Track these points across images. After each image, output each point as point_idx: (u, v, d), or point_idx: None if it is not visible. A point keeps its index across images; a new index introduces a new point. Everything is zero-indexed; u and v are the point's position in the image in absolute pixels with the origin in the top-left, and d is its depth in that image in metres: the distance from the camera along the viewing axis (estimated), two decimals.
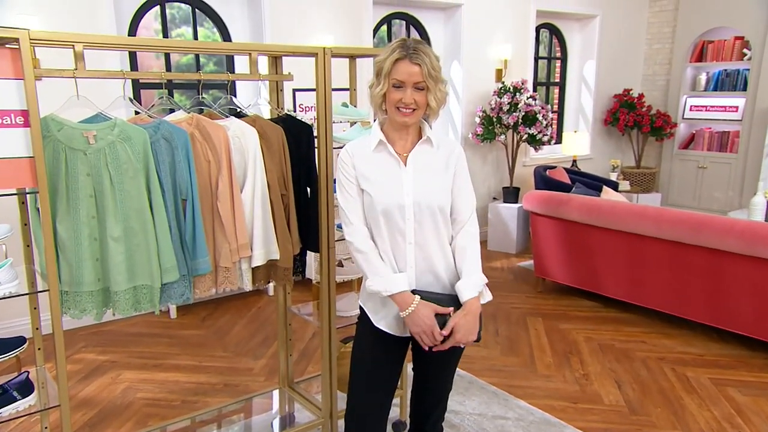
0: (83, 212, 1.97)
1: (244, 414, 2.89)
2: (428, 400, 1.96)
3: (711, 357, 3.51)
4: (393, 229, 1.75)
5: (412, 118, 1.73)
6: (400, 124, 1.75)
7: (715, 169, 6.78)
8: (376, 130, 1.80)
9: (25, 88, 1.72)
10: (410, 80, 1.67)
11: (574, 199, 4.23)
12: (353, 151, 1.81)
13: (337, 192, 1.85)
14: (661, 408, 2.96)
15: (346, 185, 1.79)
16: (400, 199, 1.73)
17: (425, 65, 1.67)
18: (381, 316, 1.81)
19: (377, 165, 1.78)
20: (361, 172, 1.77)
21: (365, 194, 1.77)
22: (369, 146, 1.79)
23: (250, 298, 4.54)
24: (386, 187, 1.74)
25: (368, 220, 1.78)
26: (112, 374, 3.33)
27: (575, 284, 4.41)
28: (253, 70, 2.29)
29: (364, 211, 1.78)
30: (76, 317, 2.01)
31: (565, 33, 6.87)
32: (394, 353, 1.87)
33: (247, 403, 2.92)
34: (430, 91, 1.70)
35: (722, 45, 6.65)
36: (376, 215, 1.75)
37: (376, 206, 1.74)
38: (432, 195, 1.76)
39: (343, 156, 1.81)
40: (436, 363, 1.89)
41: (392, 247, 1.76)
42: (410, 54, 1.66)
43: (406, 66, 1.67)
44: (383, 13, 5.40)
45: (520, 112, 5.51)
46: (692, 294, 3.70)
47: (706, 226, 3.50)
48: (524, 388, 3.17)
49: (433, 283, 1.80)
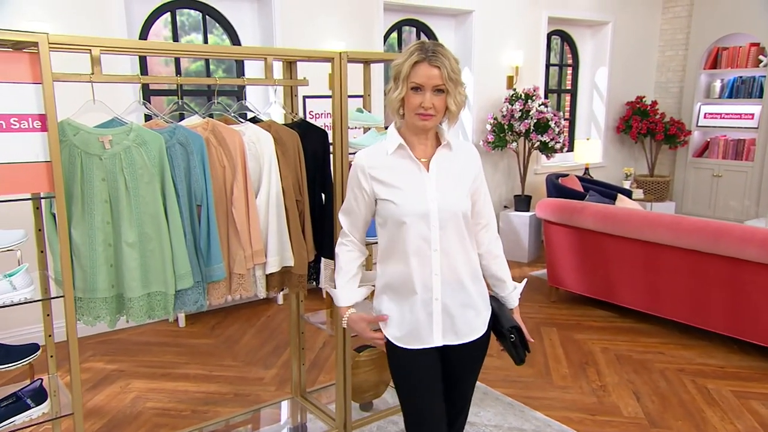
0: (98, 217, 1.95)
1: (255, 424, 2.84)
2: (452, 411, 1.88)
3: (732, 369, 3.43)
4: (418, 236, 1.68)
5: (431, 122, 1.67)
6: (419, 129, 1.70)
7: (731, 178, 6.69)
8: (393, 134, 1.74)
9: (43, 93, 1.70)
10: (429, 83, 1.62)
11: (588, 207, 4.17)
12: (368, 162, 1.73)
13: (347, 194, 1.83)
14: (683, 421, 2.88)
15: (356, 196, 1.77)
16: (426, 206, 1.67)
17: (445, 68, 1.61)
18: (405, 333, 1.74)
19: (398, 171, 1.72)
20: (380, 180, 1.71)
21: (386, 203, 1.70)
22: (386, 151, 1.73)
23: (259, 307, 4.51)
24: (410, 193, 1.68)
25: (391, 228, 1.71)
26: (120, 383, 3.30)
27: (589, 294, 4.35)
28: (269, 75, 2.27)
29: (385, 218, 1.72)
30: (90, 324, 1.98)
31: (577, 40, 6.83)
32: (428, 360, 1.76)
33: (258, 412, 2.88)
34: (449, 94, 1.65)
35: (737, 51, 6.59)
36: (401, 223, 1.67)
37: (401, 214, 1.67)
38: (455, 201, 1.72)
39: (357, 166, 1.75)
40: (461, 370, 1.83)
41: (417, 254, 1.69)
42: (429, 56, 1.61)
43: (425, 69, 1.61)
44: (394, 19, 5.39)
45: (531, 119, 5.46)
46: (711, 304, 3.63)
47: (725, 235, 3.43)
48: (540, 399, 3.11)
49: (458, 290, 1.74)
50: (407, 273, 1.70)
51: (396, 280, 1.73)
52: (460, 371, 1.84)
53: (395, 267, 1.72)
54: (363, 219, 1.79)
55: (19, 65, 1.70)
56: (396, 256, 1.71)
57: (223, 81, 2.23)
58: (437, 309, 1.72)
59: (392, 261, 1.73)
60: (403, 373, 1.77)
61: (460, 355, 1.79)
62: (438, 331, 1.73)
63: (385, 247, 1.75)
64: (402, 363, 1.77)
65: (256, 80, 2.29)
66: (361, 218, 1.79)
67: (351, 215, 1.81)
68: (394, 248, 1.71)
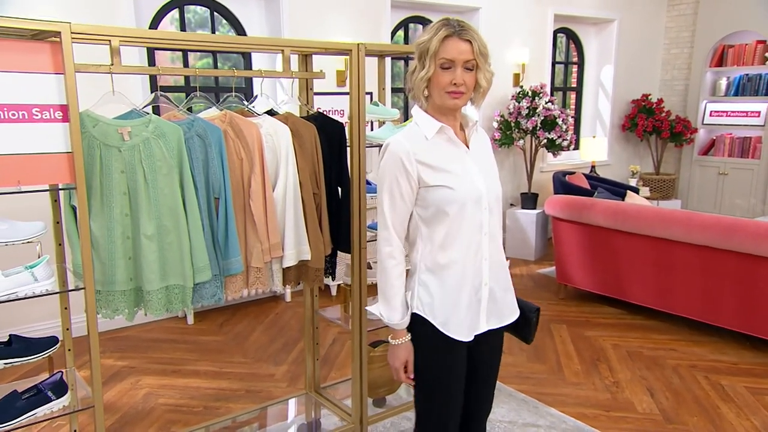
0: (117, 210, 1.93)
1: (269, 420, 2.83)
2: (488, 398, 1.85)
3: (745, 365, 3.42)
4: (474, 221, 1.62)
5: (462, 101, 1.60)
6: (449, 109, 1.62)
7: (737, 176, 6.68)
8: (426, 117, 1.64)
9: (65, 83, 1.69)
10: (460, 58, 1.54)
11: (598, 203, 4.16)
12: (413, 147, 1.59)
13: (382, 191, 1.63)
14: (698, 417, 2.87)
15: (402, 187, 1.60)
16: (478, 189, 1.62)
17: (475, 41, 1.55)
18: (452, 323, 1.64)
19: (444, 155, 1.62)
20: (429, 164, 1.59)
21: (439, 189, 1.58)
22: (423, 136, 1.62)
23: (267, 304, 4.49)
24: (463, 177, 1.61)
25: (444, 215, 1.60)
26: (131, 380, 3.28)
27: (599, 291, 4.33)
28: (286, 68, 2.25)
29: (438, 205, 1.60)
30: (109, 317, 1.97)
31: (582, 37, 6.82)
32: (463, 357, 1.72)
33: (271, 408, 2.86)
34: (480, 70, 1.58)
35: (743, 49, 6.58)
36: (458, 208, 1.59)
37: (457, 198, 1.59)
38: (496, 182, 1.71)
39: (400, 152, 1.59)
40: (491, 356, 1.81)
41: (471, 239, 1.63)
42: (459, 31, 1.54)
43: (455, 43, 1.54)
44: (401, 16, 5.38)
45: (539, 116, 5.45)
46: (723, 300, 3.62)
47: (738, 231, 3.42)
48: (554, 395, 3.10)
49: (501, 274, 1.74)
50: (459, 261, 1.63)
51: (449, 270, 1.63)
52: (489, 357, 1.80)
53: (448, 256, 1.62)
54: (408, 215, 1.65)
55: (40, 55, 1.68)
56: (446, 245, 1.62)
57: (241, 73, 2.22)
58: (485, 294, 1.69)
59: (443, 251, 1.62)
60: (446, 364, 1.69)
61: (492, 340, 1.77)
62: (484, 316, 1.70)
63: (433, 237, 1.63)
64: (449, 358, 1.68)
65: (273, 73, 2.27)
66: (407, 215, 1.64)
67: (396, 213, 1.62)
68: (444, 237, 1.61)
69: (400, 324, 1.66)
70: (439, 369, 1.68)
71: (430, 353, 1.69)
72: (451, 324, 1.64)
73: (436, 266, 1.64)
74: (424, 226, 1.64)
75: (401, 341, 1.67)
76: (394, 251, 1.64)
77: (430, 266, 1.64)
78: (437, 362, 1.69)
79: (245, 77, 4.60)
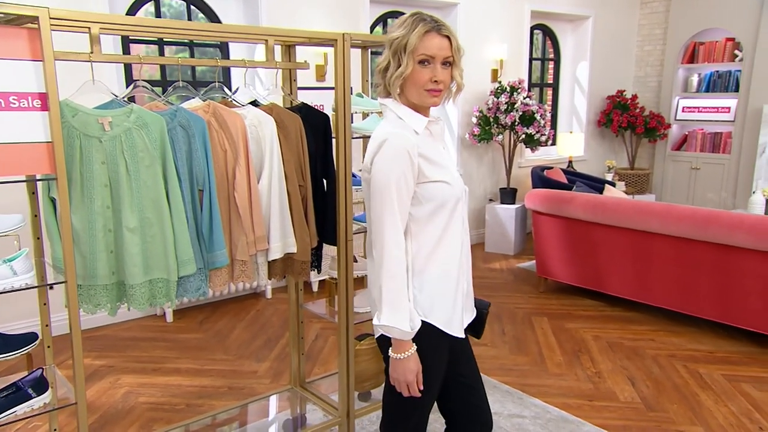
0: (98, 202, 1.88)
1: (254, 416, 2.79)
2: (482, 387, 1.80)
3: (721, 354, 3.49)
4: (462, 217, 1.62)
5: (440, 99, 1.57)
6: (425, 107, 1.58)
7: (708, 170, 6.84)
8: (409, 111, 1.56)
9: (44, 70, 1.63)
10: (440, 54, 1.50)
11: (578, 196, 4.21)
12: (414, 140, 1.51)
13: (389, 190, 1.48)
14: (678, 404, 2.92)
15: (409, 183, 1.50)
16: (461, 185, 1.62)
17: (453, 37, 1.53)
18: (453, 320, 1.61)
19: (433, 149, 1.58)
20: (428, 158, 1.54)
21: (438, 185, 1.53)
22: (413, 130, 1.54)
23: (248, 301, 4.44)
24: (452, 171, 1.59)
25: (440, 211, 1.55)
26: (110, 379, 3.21)
27: (578, 283, 4.39)
28: (269, 58, 2.22)
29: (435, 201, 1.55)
30: (90, 312, 1.91)
31: (558, 34, 6.89)
32: None
33: (256, 404, 2.82)
34: (455, 67, 1.55)
35: (713, 46, 6.73)
36: (453, 204, 1.57)
37: (453, 194, 1.56)
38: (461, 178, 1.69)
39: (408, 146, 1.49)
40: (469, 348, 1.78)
41: (459, 235, 1.61)
42: (437, 26, 1.50)
43: (435, 39, 1.49)
44: (379, 11, 5.37)
45: (517, 111, 5.49)
46: (700, 291, 3.69)
47: (714, 222, 3.49)
48: (537, 386, 3.12)
49: (469, 268, 1.72)
50: (457, 256, 1.60)
51: (443, 267, 1.59)
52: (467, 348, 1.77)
53: (441, 253, 1.58)
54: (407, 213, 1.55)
55: (17, 41, 1.62)
56: (442, 242, 1.58)
57: (225, 63, 2.18)
58: (464, 290, 1.67)
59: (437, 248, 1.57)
60: (442, 366, 1.64)
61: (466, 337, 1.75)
62: (465, 311, 1.69)
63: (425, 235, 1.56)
64: (444, 354, 1.63)
65: (258, 63, 2.24)
66: (407, 212, 1.54)
67: (404, 212, 1.51)
68: (441, 233, 1.57)
69: (411, 333, 1.51)
70: (438, 373, 1.63)
71: (432, 356, 1.59)
72: (452, 322, 1.61)
73: (430, 265, 1.57)
74: (414, 225, 1.56)
75: (410, 353, 1.52)
76: (402, 255, 1.51)
77: (424, 266, 1.57)
78: (438, 364, 1.62)
79: (224, 71, 4.54)
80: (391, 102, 1.59)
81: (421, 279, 1.57)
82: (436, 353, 1.61)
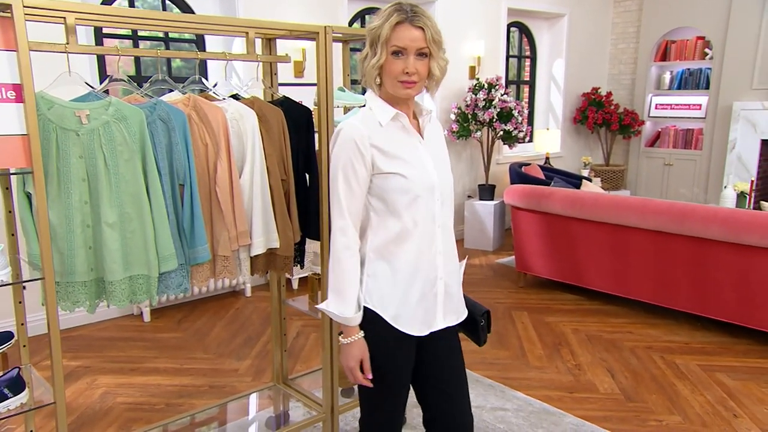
0: (75, 197, 1.84)
1: (236, 413, 2.76)
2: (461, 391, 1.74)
3: (697, 344, 3.57)
4: (427, 212, 1.58)
5: (415, 90, 1.55)
6: (401, 98, 1.57)
7: (681, 166, 6.98)
8: (381, 104, 1.57)
9: (18, 61, 1.58)
10: (412, 46, 1.48)
11: (556, 192, 4.25)
12: (367, 131, 1.53)
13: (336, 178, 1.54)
14: (656, 395, 2.97)
15: (357, 172, 1.52)
16: (431, 178, 1.58)
17: (428, 28, 1.49)
18: (404, 316, 1.59)
19: (397, 142, 1.56)
20: (383, 150, 1.54)
21: (392, 177, 1.53)
22: (377, 122, 1.56)
23: (226, 300, 4.39)
24: (416, 165, 1.57)
25: (399, 204, 1.55)
26: (87, 380, 3.14)
27: (557, 278, 4.43)
28: (250, 50, 2.19)
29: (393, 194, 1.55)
30: (69, 309, 1.87)
31: (534, 32, 6.96)
32: (412, 352, 1.67)
33: (238, 402, 2.79)
34: (433, 58, 1.52)
35: (684, 45, 6.86)
36: (413, 198, 1.55)
37: (411, 188, 1.54)
38: (448, 173, 1.67)
39: (354, 136, 1.51)
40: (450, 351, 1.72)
41: (425, 230, 1.59)
42: (411, 17, 1.48)
43: (407, 30, 1.48)
44: (358, 7, 5.35)
45: (495, 108, 5.53)
46: (676, 283, 3.76)
47: (689, 215, 3.56)
48: (519, 379, 3.15)
49: (454, 268, 1.69)
50: (413, 254, 1.57)
51: (400, 262, 1.57)
52: (449, 352, 1.71)
53: (400, 247, 1.57)
54: (362, 202, 1.57)
55: None
56: (400, 235, 1.56)
57: (206, 55, 2.14)
58: (440, 289, 1.63)
59: (395, 242, 1.57)
60: (394, 359, 1.62)
61: (450, 338, 1.71)
62: (440, 312, 1.65)
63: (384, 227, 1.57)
64: (398, 352, 1.62)
65: (239, 56, 2.20)
66: (361, 201, 1.56)
67: (353, 201, 1.54)
68: (398, 229, 1.56)
69: (353, 319, 1.54)
70: (386, 365, 1.60)
71: (379, 348, 1.59)
72: (402, 317, 1.59)
73: (387, 257, 1.57)
74: (374, 216, 1.58)
75: (354, 338, 1.55)
76: (350, 242, 1.54)
77: (380, 257, 1.58)
78: (386, 358, 1.61)
79: (201, 67, 4.47)
80: (368, 93, 1.60)
81: (375, 269, 1.58)
82: (386, 344, 1.60)
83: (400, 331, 1.59)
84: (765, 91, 6.16)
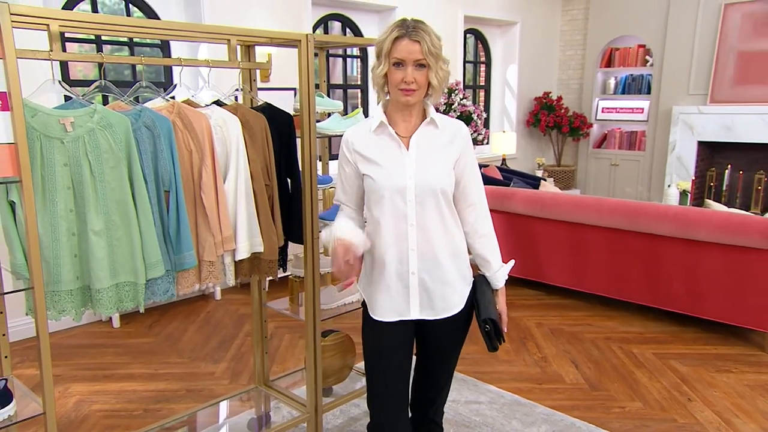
0: (60, 205, 1.83)
1: (217, 417, 2.76)
2: (435, 386, 1.96)
3: (650, 334, 3.79)
4: (396, 211, 1.75)
5: (413, 98, 1.70)
6: (403, 105, 1.74)
7: (626, 166, 7.34)
8: (378, 112, 1.79)
9: (5, 68, 1.58)
10: (410, 58, 1.67)
11: (518, 192, 4.42)
12: (353, 139, 1.82)
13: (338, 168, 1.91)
14: (618, 383, 3.16)
15: (344, 170, 1.86)
16: (402, 181, 1.73)
17: (425, 42, 1.66)
18: (376, 304, 1.83)
19: (379, 147, 1.78)
20: (363, 155, 1.79)
21: (366, 178, 1.78)
22: (369, 128, 1.79)
23: (197, 304, 4.35)
24: (388, 169, 1.75)
25: (371, 201, 1.80)
26: (59, 388, 3.07)
27: (520, 275, 4.61)
28: (232, 57, 2.22)
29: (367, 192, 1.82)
30: (55, 318, 1.85)
31: (489, 38, 7.18)
32: (401, 336, 1.85)
33: (218, 405, 2.80)
34: (431, 69, 1.69)
35: (627, 52, 7.23)
36: (379, 197, 1.76)
37: (378, 189, 1.76)
38: (433, 177, 1.75)
39: (344, 142, 1.85)
40: (440, 341, 1.89)
41: (395, 227, 1.76)
42: (410, 32, 1.67)
43: (405, 44, 1.67)
44: (321, 13, 5.39)
45: (455, 112, 5.68)
46: (630, 277, 3.98)
47: (642, 213, 3.79)
48: (489, 373, 3.27)
49: (435, 266, 1.79)
50: (383, 246, 1.78)
51: (375, 253, 1.80)
52: (438, 342, 1.90)
53: (375, 240, 1.79)
54: (356, 192, 1.86)
55: None
56: (375, 230, 1.79)
57: (188, 63, 2.16)
58: (414, 283, 1.78)
59: (372, 233, 1.80)
60: (376, 345, 1.86)
61: (439, 329, 1.85)
62: (415, 304, 1.80)
63: (369, 221, 1.84)
64: (376, 335, 1.85)
65: (220, 62, 2.23)
66: (354, 191, 1.86)
67: (344, 189, 1.88)
68: (374, 222, 1.79)
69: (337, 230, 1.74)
70: (369, 344, 1.88)
71: (364, 329, 1.90)
72: (374, 304, 1.83)
73: (372, 248, 1.81)
74: (366, 210, 1.87)
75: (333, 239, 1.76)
76: (343, 207, 1.90)
77: (368, 247, 1.80)
78: (369, 337, 1.88)
79: (165, 73, 4.43)
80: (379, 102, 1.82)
81: (365, 257, 1.86)
82: (368, 326, 1.88)
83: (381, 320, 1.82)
84: (701, 96, 6.57)
